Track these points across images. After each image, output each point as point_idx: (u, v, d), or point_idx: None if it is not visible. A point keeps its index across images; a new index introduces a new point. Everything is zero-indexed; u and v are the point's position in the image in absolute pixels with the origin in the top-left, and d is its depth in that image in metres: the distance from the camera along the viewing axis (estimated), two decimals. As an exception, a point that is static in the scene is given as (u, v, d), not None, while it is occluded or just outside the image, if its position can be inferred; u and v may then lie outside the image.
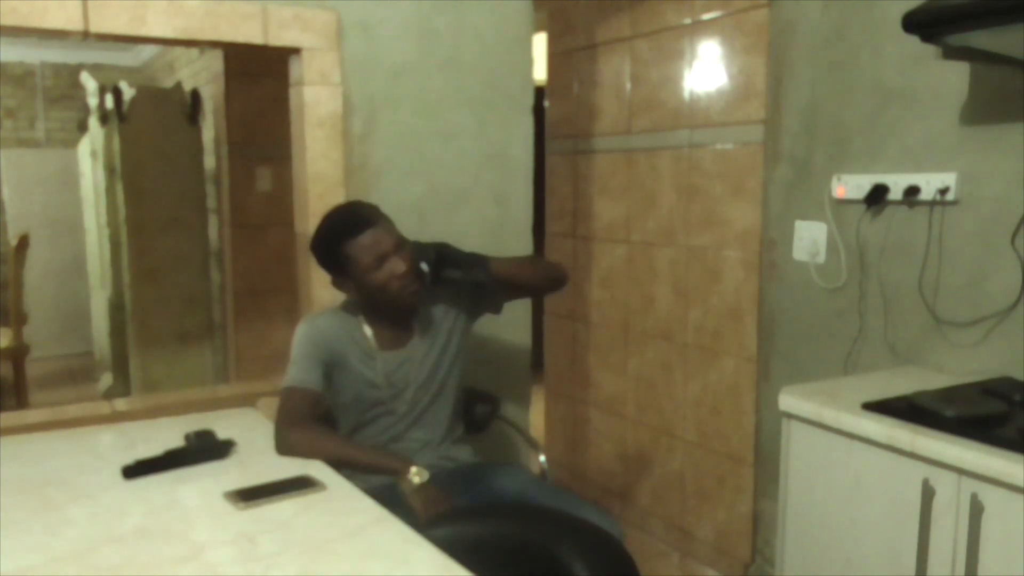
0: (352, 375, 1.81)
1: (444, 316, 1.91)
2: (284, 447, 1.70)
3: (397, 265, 1.73)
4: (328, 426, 1.91)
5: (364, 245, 1.73)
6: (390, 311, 1.82)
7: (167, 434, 1.75)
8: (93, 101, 3.94)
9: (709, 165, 2.53)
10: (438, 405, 1.89)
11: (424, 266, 1.76)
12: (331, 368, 1.80)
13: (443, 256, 1.78)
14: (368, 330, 1.83)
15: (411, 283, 1.75)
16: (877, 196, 2.02)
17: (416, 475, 1.63)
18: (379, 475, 1.68)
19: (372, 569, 1.20)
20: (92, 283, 4.55)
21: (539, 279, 2.00)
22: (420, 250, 1.78)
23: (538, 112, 2.55)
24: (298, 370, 1.77)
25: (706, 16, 2.51)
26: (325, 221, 1.83)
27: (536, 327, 2.78)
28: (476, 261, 1.82)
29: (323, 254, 1.81)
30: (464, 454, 1.94)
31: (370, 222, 1.75)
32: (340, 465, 1.63)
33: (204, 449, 1.65)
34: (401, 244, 1.77)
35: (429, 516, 1.56)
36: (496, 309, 2.00)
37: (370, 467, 1.69)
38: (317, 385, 1.77)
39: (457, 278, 1.80)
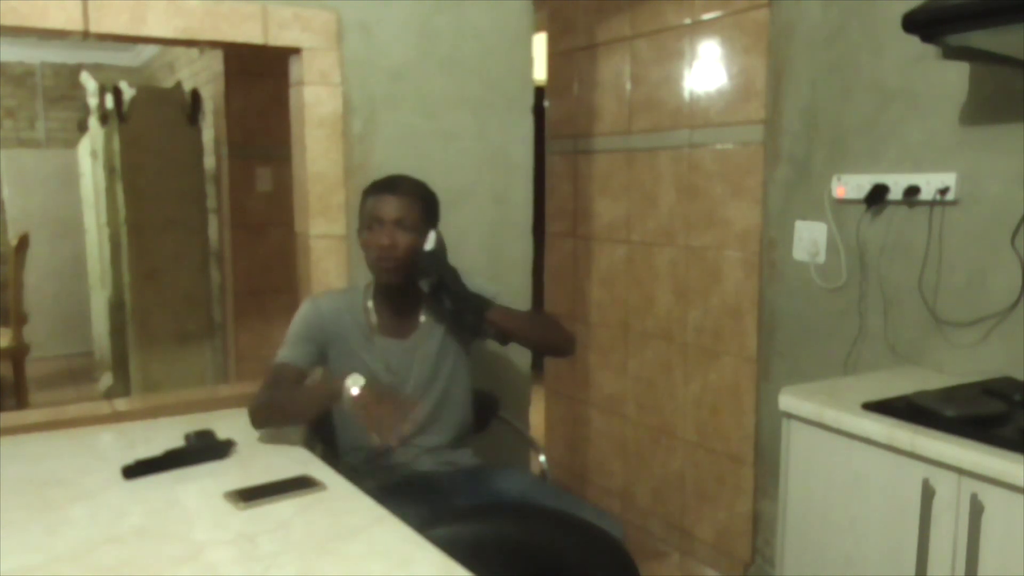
0: (350, 357, 1.81)
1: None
2: (256, 418, 1.75)
3: (380, 235, 1.75)
4: (321, 426, 1.91)
5: (372, 203, 1.79)
6: (396, 293, 1.83)
7: (167, 434, 1.75)
8: (93, 101, 3.94)
9: (709, 165, 2.53)
10: (445, 413, 1.88)
11: (423, 282, 1.79)
12: (327, 348, 1.81)
13: (443, 283, 1.78)
14: (373, 314, 1.84)
15: (384, 259, 1.76)
16: (877, 196, 2.02)
17: (353, 383, 1.59)
18: (322, 402, 1.69)
19: (372, 569, 1.20)
20: (92, 283, 4.54)
21: (539, 342, 1.94)
22: (426, 266, 1.77)
23: (538, 112, 2.55)
24: (287, 347, 1.80)
25: (706, 16, 2.51)
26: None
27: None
28: (472, 304, 1.79)
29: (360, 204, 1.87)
30: (464, 457, 1.93)
31: (391, 189, 1.80)
32: (302, 420, 1.66)
33: (204, 449, 1.64)
34: (404, 224, 1.76)
35: (377, 425, 1.52)
36: (502, 342, 1.94)
37: (317, 401, 1.70)
38: (301, 362, 1.79)
39: (448, 309, 1.80)
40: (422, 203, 1.81)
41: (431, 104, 2.23)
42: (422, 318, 1.86)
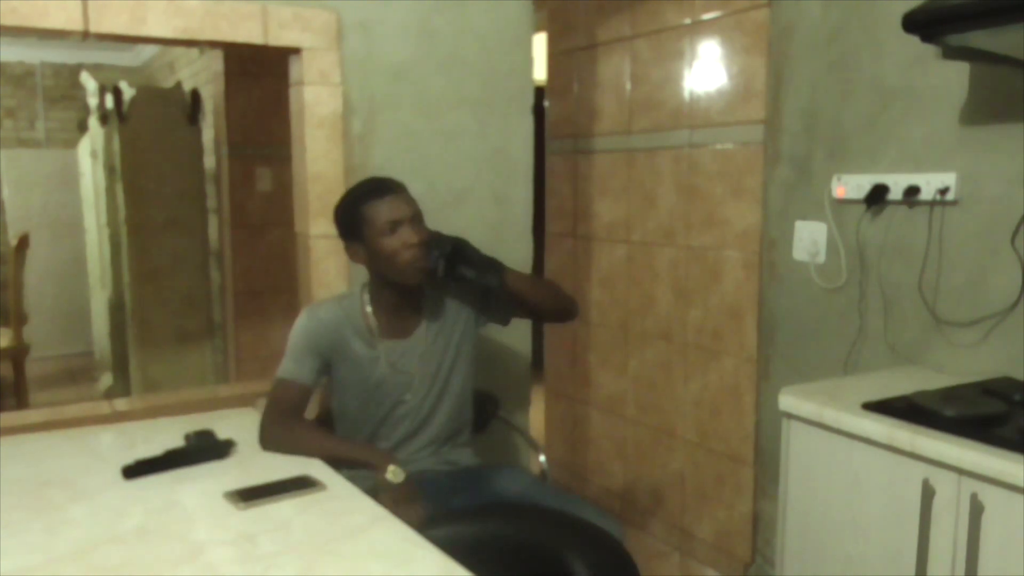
0: (355, 364, 1.80)
1: (452, 312, 1.90)
2: (267, 442, 1.72)
3: (410, 234, 1.73)
4: (324, 426, 1.91)
5: (381, 209, 1.74)
6: (397, 293, 1.81)
7: (167, 434, 1.75)
8: (93, 101, 3.95)
9: (709, 165, 2.53)
10: (443, 405, 1.88)
11: (438, 257, 1.74)
12: (330, 358, 1.80)
13: (459, 252, 1.76)
14: (372, 317, 1.82)
15: (420, 256, 1.73)
16: (877, 196, 2.02)
17: (392, 474, 1.62)
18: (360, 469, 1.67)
19: (372, 569, 1.20)
20: (92, 283, 4.55)
21: (549, 304, 1.96)
22: (437, 241, 1.76)
23: (538, 112, 2.55)
24: (291, 362, 1.78)
25: (706, 16, 2.51)
26: (351, 187, 1.86)
27: (536, 327, 2.78)
28: (491, 266, 1.80)
29: (341, 215, 1.81)
30: (465, 457, 1.93)
31: (392, 190, 1.77)
32: (323, 460, 1.64)
33: (204, 449, 1.65)
34: (419, 219, 1.77)
35: (400, 517, 1.53)
36: (504, 321, 1.98)
37: (350, 461, 1.68)
38: (308, 379, 1.77)
39: (469, 277, 1.77)
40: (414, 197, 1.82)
41: (431, 104, 2.23)
42: (423, 316, 1.86)
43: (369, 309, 1.82)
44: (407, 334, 1.84)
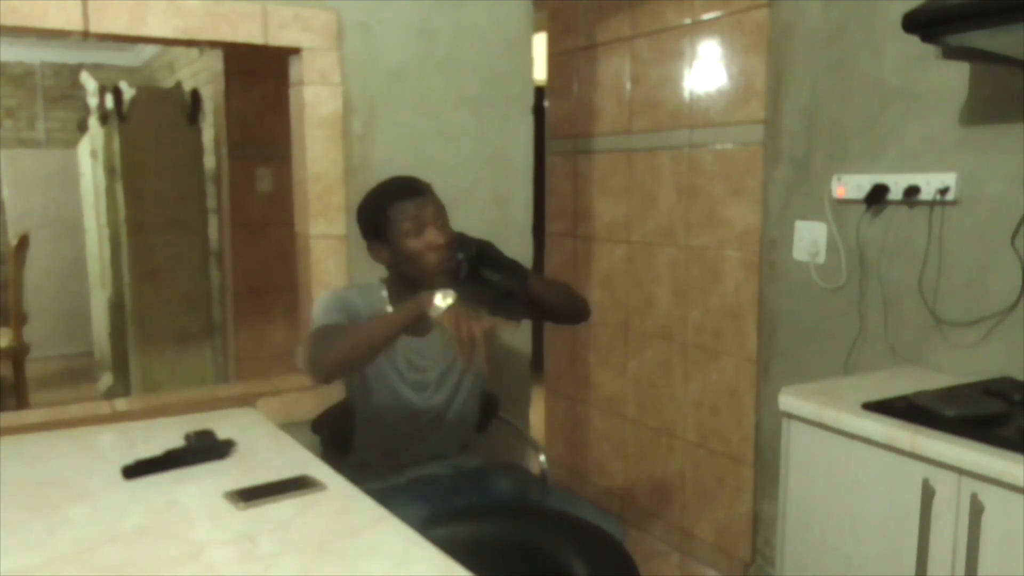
0: None
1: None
2: (321, 367, 1.59)
3: (435, 236, 1.71)
4: (344, 439, 1.89)
5: (406, 210, 1.71)
6: (417, 293, 1.80)
7: (167, 434, 1.75)
8: (93, 101, 3.95)
9: (709, 165, 2.53)
10: (454, 405, 1.88)
11: (462, 259, 1.73)
12: None
13: (484, 254, 1.76)
14: (391, 310, 1.80)
15: (445, 258, 1.72)
16: (877, 196, 2.02)
17: (442, 300, 1.52)
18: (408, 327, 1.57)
19: (372, 569, 1.19)
20: (92, 283, 4.55)
21: (565, 310, 1.94)
22: (463, 242, 1.75)
23: (538, 112, 2.55)
24: (324, 316, 1.70)
25: (706, 16, 2.51)
26: (376, 186, 1.82)
27: (536, 327, 2.78)
28: (516, 270, 1.79)
29: (366, 215, 1.79)
30: (465, 458, 1.93)
31: (418, 191, 1.75)
32: (378, 349, 1.56)
33: (204, 449, 1.64)
34: (444, 220, 1.76)
35: (464, 341, 1.44)
36: (518, 317, 1.97)
37: (403, 324, 1.58)
38: (345, 321, 1.70)
39: (493, 280, 1.76)
40: (439, 198, 1.80)
41: (431, 104, 2.23)
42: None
43: (388, 304, 1.82)
44: (424, 332, 1.83)
